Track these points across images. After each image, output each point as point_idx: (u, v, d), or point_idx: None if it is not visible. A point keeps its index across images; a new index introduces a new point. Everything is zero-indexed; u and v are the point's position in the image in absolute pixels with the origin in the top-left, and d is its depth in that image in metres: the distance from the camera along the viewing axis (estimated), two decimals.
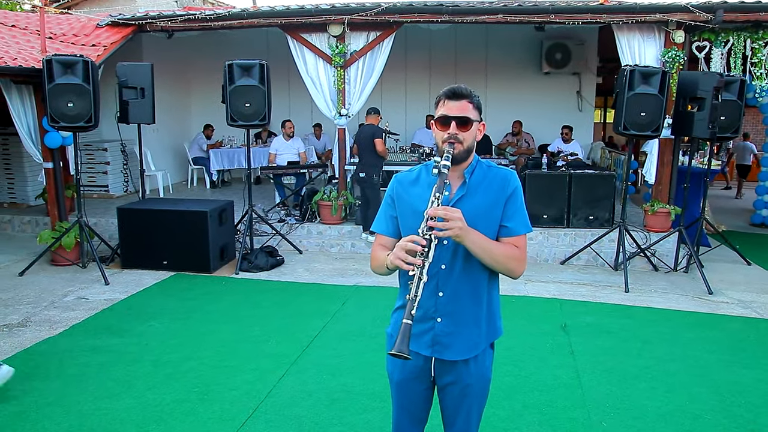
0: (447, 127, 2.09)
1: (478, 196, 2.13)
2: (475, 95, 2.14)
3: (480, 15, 7.27)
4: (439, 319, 2.15)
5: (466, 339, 2.17)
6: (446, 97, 2.12)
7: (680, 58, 7.15)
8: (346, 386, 3.99)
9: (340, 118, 7.93)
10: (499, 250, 2.09)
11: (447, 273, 2.12)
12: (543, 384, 4.07)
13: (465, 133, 2.09)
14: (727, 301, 5.98)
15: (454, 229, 1.95)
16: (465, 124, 2.09)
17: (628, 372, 4.28)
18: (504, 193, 2.13)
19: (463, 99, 2.10)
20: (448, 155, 2.05)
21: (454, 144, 2.08)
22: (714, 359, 4.53)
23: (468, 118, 2.09)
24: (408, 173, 2.25)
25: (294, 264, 7.11)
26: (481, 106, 2.18)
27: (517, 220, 2.14)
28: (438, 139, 2.13)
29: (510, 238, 2.13)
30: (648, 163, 7.68)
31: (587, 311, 5.62)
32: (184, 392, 3.91)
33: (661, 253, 7.20)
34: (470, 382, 2.21)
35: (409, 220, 2.15)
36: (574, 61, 10.86)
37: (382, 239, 2.26)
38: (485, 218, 2.11)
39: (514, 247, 2.12)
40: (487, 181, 2.15)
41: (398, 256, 1.97)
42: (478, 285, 2.16)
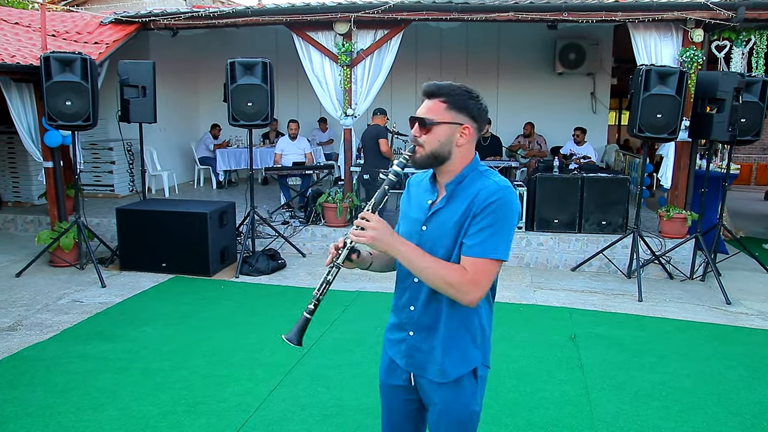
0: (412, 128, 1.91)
1: (453, 210, 1.87)
2: (453, 93, 1.85)
3: (490, 13, 7.04)
4: (411, 333, 2.00)
5: (436, 361, 1.96)
6: (422, 94, 1.92)
7: (699, 57, 6.87)
8: (340, 400, 3.79)
9: (346, 119, 7.74)
10: (436, 270, 1.80)
11: (418, 287, 1.95)
12: (549, 400, 3.84)
13: (426, 136, 1.85)
14: (747, 312, 5.70)
15: (366, 237, 1.81)
16: (425, 126, 1.85)
17: (641, 388, 4.04)
18: (475, 206, 1.81)
19: (435, 98, 1.87)
20: (402, 161, 1.88)
21: (415, 147, 1.89)
22: (733, 376, 4.27)
23: (425, 120, 1.85)
24: (420, 175, 2.08)
25: (296, 268, 6.92)
26: (471, 106, 1.86)
27: (479, 239, 1.79)
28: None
29: (464, 257, 1.81)
30: (664, 166, 7.41)
31: (598, 321, 5.37)
32: (171, 404, 3.73)
33: (677, 260, 6.92)
34: (445, 408, 1.98)
35: (403, 220, 2.05)
36: (589, 62, 10.58)
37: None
38: (452, 238, 1.86)
39: (461, 270, 1.80)
40: (468, 191, 1.86)
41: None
42: (450, 303, 1.91)
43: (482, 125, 1.93)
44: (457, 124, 1.85)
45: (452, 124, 1.85)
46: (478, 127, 1.90)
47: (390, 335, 2.10)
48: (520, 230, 7.36)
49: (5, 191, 9.42)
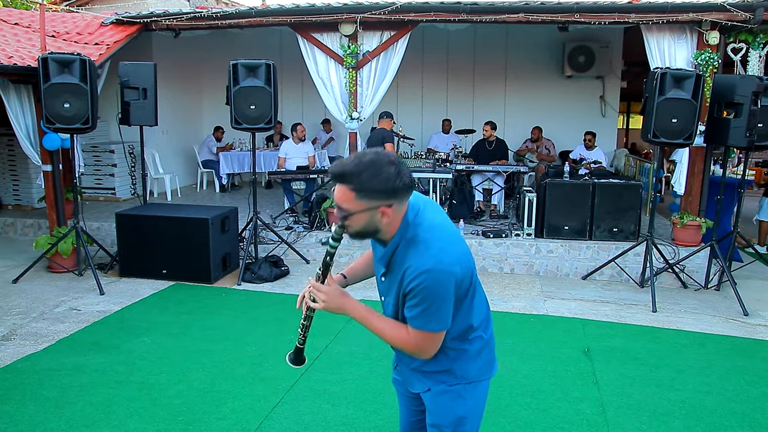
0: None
1: (393, 277, 1.90)
2: (359, 177, 1.72)
3: (500, 14, 6.87)
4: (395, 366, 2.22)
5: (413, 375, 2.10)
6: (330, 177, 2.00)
7: (714, 60, 6.68)
8: (346, 418, 3.62)
9: (351, 122, 7.57)
10: (385, 333, 1.91)
11: (386, 305, 2.02)
12: (564, 419, 3.66)
13: (348, 221, 1.79)
14: (766, 324, 5.50)
15: (319, 302, 1.92)
16: (343, 216, 1.79)
17: (659, 407, 3.85)
18: (405, 283, 1.81)
19: (342, 182, 1.77)
20: (335, 236, 1.82)
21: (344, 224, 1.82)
22: (756, 393, 4.08)
23: (341, 208, 1.79)
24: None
25: (300, 275, 6.75)
26: (377, 187, 1.72)
27: (413, 314, 1.82)
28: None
29: (408, 326, 1.88)
30: (677, 172, 7.21)
31: (612, 333, 5.18)
32: (168, 421, 3.56)
33: (691, 269, 6.73)
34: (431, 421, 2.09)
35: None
36: (598, 65, 10.42)
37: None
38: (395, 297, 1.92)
39: (406, 332, 1.88)
40: (401, 263, 1.84)
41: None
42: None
43: (402, 195, 1.78)
44: (372, 208, 1.77)
45: (368, 211, 1.77)
46: (399, 199, 1.78)
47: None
48: (529, 237, 7.18)
49: (5, 194, 9.30)
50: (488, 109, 11.05)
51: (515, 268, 7.04)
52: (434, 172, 7.93)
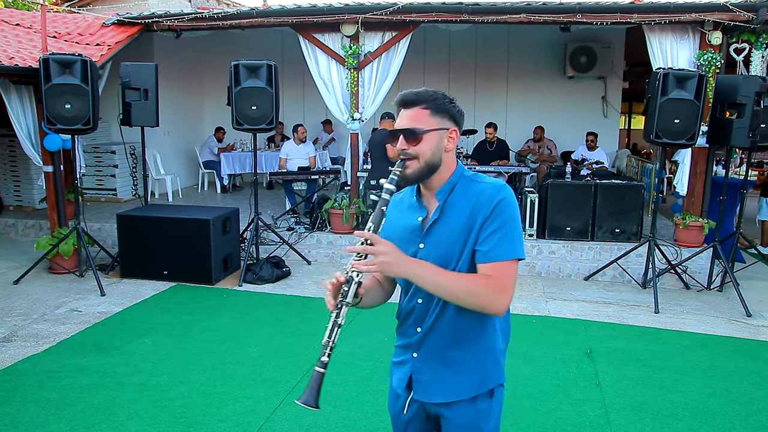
0: (396, 141, 1.75)
1: (455, 219, 1.75)
2: (435, 98, 1.75)
3: (502, 14, 6.85)
4: (414, 354, 1.87)
5: (445, 381, 1.85)
6: (397, 105, 1.79)
7: (717, 61, 6.66)
8: (347, 420, 3.60)
9: (353, 123, 7.56)
10: (459, 283, 1.68)
11: (424, 307, 1.83)
12: (567, 422, 3.64)
13: (417, 147, 1.73)
14: None
15: (377, 264, 1.63)
16: (413, 136, 1.72)
17: (663, 408, 3.83)
18: (483, 210, 1.71)
19: (414, 106, 1.75)
20: (394, 177, 1.72)
21: (405, 161, 1.73)
22: (760, 395, 4.05)
23: (413, 129, 1.72)
24: (401, 194, 1.93)
25: (301, 276, 6.74)
26: (452, 109, 1.77)
27: (496, 242, 1.69)
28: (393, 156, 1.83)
29: (484, 264, 1.70)
30: (680, 173, 7.18)
31: (614, 334, 5.17)
32: (169, 423, 3.55)
33: (693, 269, 6.71)
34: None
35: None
36: (600, 65, 10.41)
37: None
38: (461, 245, 1.74)
39: (485, 277, 1.69)
40: (467, 199, 1.76)
41: (325, 296, 1.73)
42: (466, 323, 1.80)
43: (461, 128, 1.83)
44: (444, 129, 1.76)
45: (440, 130, 1.75)
46: (460, 129, 1.82)
47: (395, 358, 1.99)
48: (531, 238, 7.16)
49: (6, 195, 9.30)
50: (490, 109, 11.03)
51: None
52: None
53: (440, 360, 1.84)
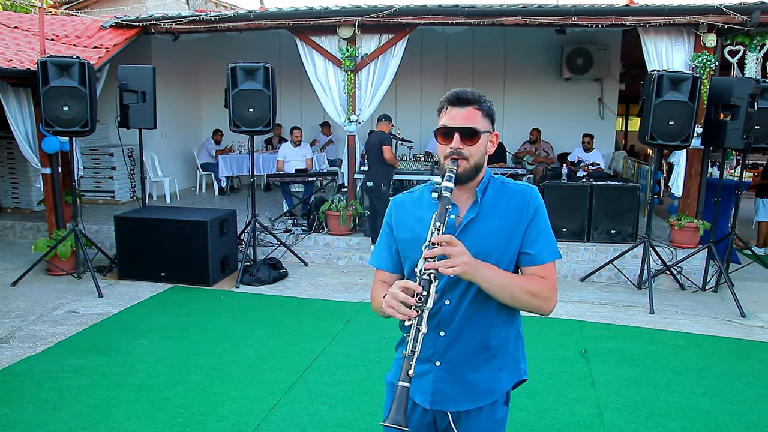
0: (449, 140, 1.72)
1: (494, 219, 1.77)
2: (485, 100, 1.77)
3: (497, 17, 6.90)
4: (437, 363, 1.81)
5: (470, 387, 1.83)
6: (449, 103, 1.76)
7: (711, 63, 6.71)
8: (343, 420, 3.63)
9: (350, 125, 7.59)
10: (520, 285, 1.73)
11: (452, 310, 1.78)
12: (561, 421, 3.67)
13: (472, 147, 1.72)
14: (763, 326, 5.51)
15: (460, 265, 1.59)
16: (471, 136, 1.72)
17: (656, 408, 3.86)
18: (525, 213, 1.78)
19: (469, 105, 1.74)
20: (451, 175, 1.69)
21: (458, 161, 1.71)
22: (753, 395, 4.09)
23: (475, 129, 1.72)
24: (409, 194, 1.91)
25: (298, 277, 6.76)
26: (494, 113, 1.80)
27: (542, 245, 1.78)
28: (440, 154, 1.77)
29: (534, 267, 1.77)
30: (675, 174, 7.23)
31: (609, 335, 5.20)
32: (166, 423, 3.57)
33: (688, 270, 6.75)
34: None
35: (411, 250, 1.80)
36: (596, 67, 10.44)
37: (383, 275, 1.92)
38: (503, 246, 1.76)
39: (540, 279, 1.75)
40: (504, 199, 1.79)
41: (390, 304, 1.62)
42: (491, 325, 1.81)
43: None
44: (490, 131, 1.79)
45: (488, 133, 1.78)
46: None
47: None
48: None
49: (4, 197, 9.31)
50: None
51: None
52: (433, 174, 7.97)
53: (469, 366, 1.81)
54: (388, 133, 7.54)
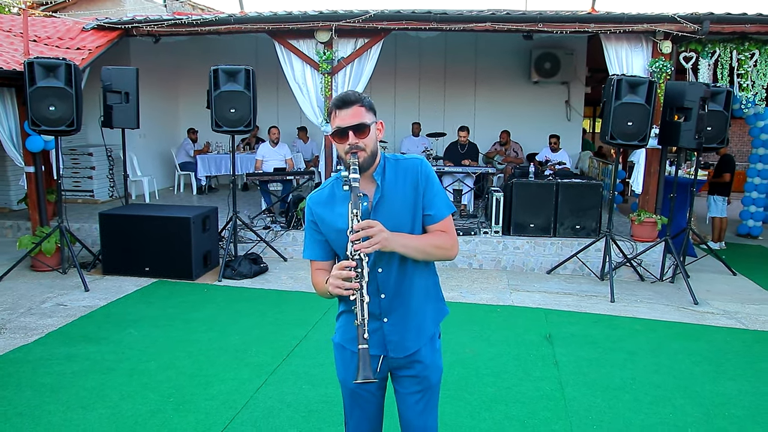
0: (345, 138, 2.03)
1: (397, 196, 2.10)
2: (364, 97, 2.08)
3: (468, 23, 7.26)
4: (385, 319, 2.15)
5: (414, 331, 2.19)
6: (336, 107, 2.06)
7: (667, 68, 7.15)
8: (325, 397, 3.91)
9: (326, 125, 7.87)
10: (429, 242, 2.10)
11: (385, 275, 2.11)
12: (525, 395, 4.01)
13: (365, 139, 2.04)
14: (713, 312, 5.95)
15: (380, 242, 1.94)
16: (362, 129, 2.04)
17: (613, 384, 4.23)
18: (420, 183, 2.11)
19: (353, 105, 2.05)
20: (355, 167, 2.00)
21: (357, 153, 2.03)
22: (699, 371, 4.49)
23: (364, 123, 2.04)
24: (319, 193, 2.20)
25: (278, 272, 7.02)
26: (374, 106, 2.11)
27: (438, 205, 2.14)
28: (340, 151, 2.10)
29: (435, 224, 2.14)
30: (635, 172, 7.68)
31: (572, 321, 5.57)
32: (160, 402, 3.82)
33: (648, 263, 7.18)
34: (428, 375, 2.24)
35: (336, 240, 2.14)
36: (563, 71, 10.88)
37: (318, 264, 2.22)
38: (411, 215, 2.12)
39: (442, 233, 2.13)
40: (401, 176, 2.12)
41: (336, 285, 1.95)
42: (417, 278, 2.19)
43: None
44: (375, 121, 2.10)
45: (374, 123, 2.09)
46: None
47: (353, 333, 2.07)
48: (497, 234, 7.55)
49: None
50: (458, 113, 11.46)
51: (483, 264, 7.42)
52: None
53: (409, 315, 2.17)
54: None
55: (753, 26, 6.82)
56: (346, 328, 2.21)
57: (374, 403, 2.29)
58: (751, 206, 9.86)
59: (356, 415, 2.30)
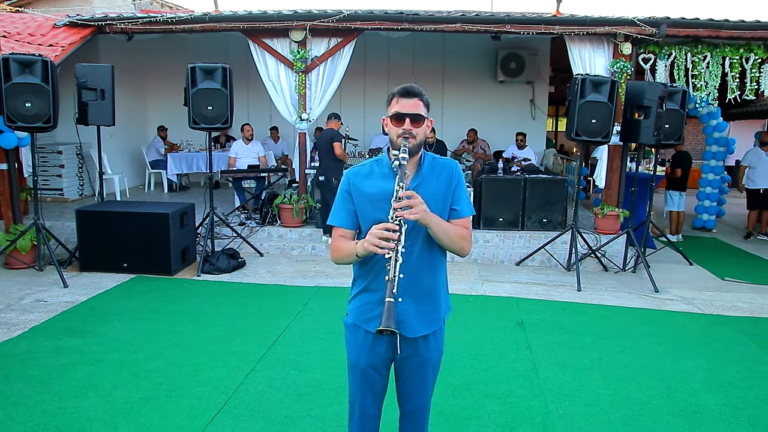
0: (401, 123, 2.26)
1: (431, 184, 2.33)
2: (425, 94, 2.32)
3: (439, 24, 7.50)
4: (400, 299, 2.26)
5: (426, 316, 2.37)
6: (400, 95, 2.30)
7: (628, 68, 7.52)
8: (313, 381, 4.08)
9: (300, 123, 8.01)
10: (455, 231, 2.31)
11: (407, 255, 2.24)
12: (502, 376, 4.26)
13: (418, 128, 2.27)
14: (672, 299, 6.32)
15: (420, 212, 2.14)
16: (418, 120, 2.27)
17: (582, 364, 4.51)
18: (452, 181, 2.36)
19: (415, 97, 2.29)
20: (405, 149, 2.23)
21: (408, 138, 2.25)
22: (660, 351, 4.81)
23: (421, 115, 2.28)
24: (360, 168, 2.41)
25: (255, 266, 7.14)
26: (430, 105, 2.35)
27: (464, 204, 2.38)
28: (392, 134, 2.30)
29: (459, 219, 2.36)
30: (598, 168, 8.04)
31: (542, 309, 5.86)
32: (152, 390, 3.93)
33: (611, 254, 7.54)
34: (429, 356, 2.43)
35: (369, 211, 2.31)
36: (528, 71, 11.24)
37: (342, 231, 2.39)
38: (440, 203, 2.32)
39: (464, 228, 2.36)
40: (437, 170, 2.37)
41: (372, 242, 2.12)
42: (435, 265, 2.38)
43: None
44: (428, 118, 2.34)
45: (426, 119, 2.32)
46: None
47: (370, 313, 2.34)
48: None
49: None
50: None
51: (455, 257, 7.66)
52: None
53: (422, 298, 2.34)
54: (337, 131, 8.00)
55: (705, 30, 7.24)
56: (362, 308, 2.38)
57: (380, 382, 2.45)
58: (705, 201, 10.39)
59: (365, 393, 2.45)
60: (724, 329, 5.41)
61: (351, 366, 2.48)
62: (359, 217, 2.35)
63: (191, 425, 3.51)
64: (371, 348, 2.39)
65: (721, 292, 6.62)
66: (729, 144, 10.40)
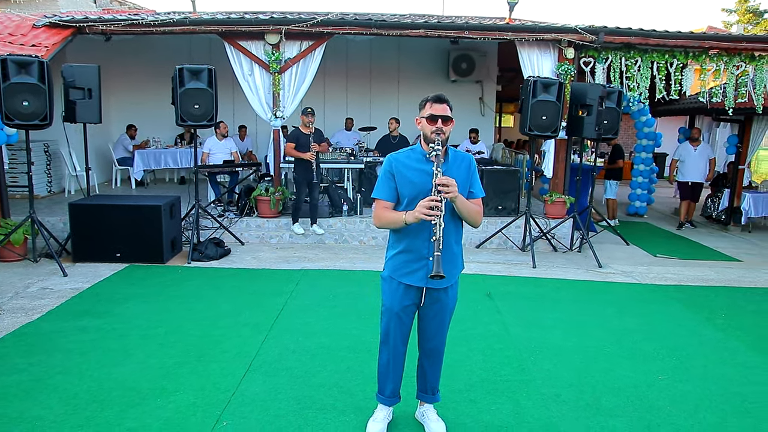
0: (435, 122, 2.96)
1: (455, 170, 3.04)
2: (450, 101, 3.05)
3: (404, 29, 8.21)
4: (430, 258, 3.00)
5: (449, 271, 3.06)
6: (433, 101, 3.02)
7: (571, 71, 8.45)
8: (322, 344, 4.72)
9: (275, 120, 8.56)
10: (474, 208, 3.07)
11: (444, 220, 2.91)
12: (480, 335, 5.02)
13: (447, 127, 2.99)
14: (614, 272, 7.28)
15: (454, 192, 2.85)
16: (447, 121, 2.98)
17: (545, 323, 5.34)
18: (470, 169, 3.12)
19: (444, 103, 3.02)
20: (439, 142, 2.93)
21: (440, 135, 2.95)
22: (608, 312, 5.71)
23: (449, 116, 3.00)
24: (398, 154, 3.11)
25: (240, 253, 7.67)
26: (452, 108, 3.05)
27: (478, 188, 3.15)
28: (426, 131, 3.00)
29: (475, 199, 3.12)
30: (546, 160, 8.96)
31: (505, 283, 6.68)
32: (182, 356, 4.46)
33: (560, 236, 8.47)
34: (448, 303, 3.20)
35: (408, 189, 3.01)
36: (478, 71, 12.12)
37: (385, 204, 3.09)
38: (463, 186, 3.03)
39: (479, 205, 3.12)
40: (458, 160, 3.10)
41: (422, 212, 2.82)
42: (457, 232, 3.12)
43: None
44: (452, 120, 3.02)
45: (453, 121, 3.02)
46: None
47: (406, 269, 3.08)
48: None
49: None
50: (384, 109, 12.42)
51: None
52: (348, 163, 9.18)
53: (447, 257, 3.02)
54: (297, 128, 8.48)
55: (636, 38, 8.26)
56: (398, 265, 3.10)
57: (408, 323, 3.22)
58: (638, 189, 11.55)
59: (396, 331, 3.20)
60: (658, 295, 6.38)
61: (386, 310, 3.20)
62: (401, 192, 3.03)
63: (226, 381, 4.09)
64: (403, 295, 3.12)
65: (654, 266, 7.64)
66: (657, 138, 11.58)
